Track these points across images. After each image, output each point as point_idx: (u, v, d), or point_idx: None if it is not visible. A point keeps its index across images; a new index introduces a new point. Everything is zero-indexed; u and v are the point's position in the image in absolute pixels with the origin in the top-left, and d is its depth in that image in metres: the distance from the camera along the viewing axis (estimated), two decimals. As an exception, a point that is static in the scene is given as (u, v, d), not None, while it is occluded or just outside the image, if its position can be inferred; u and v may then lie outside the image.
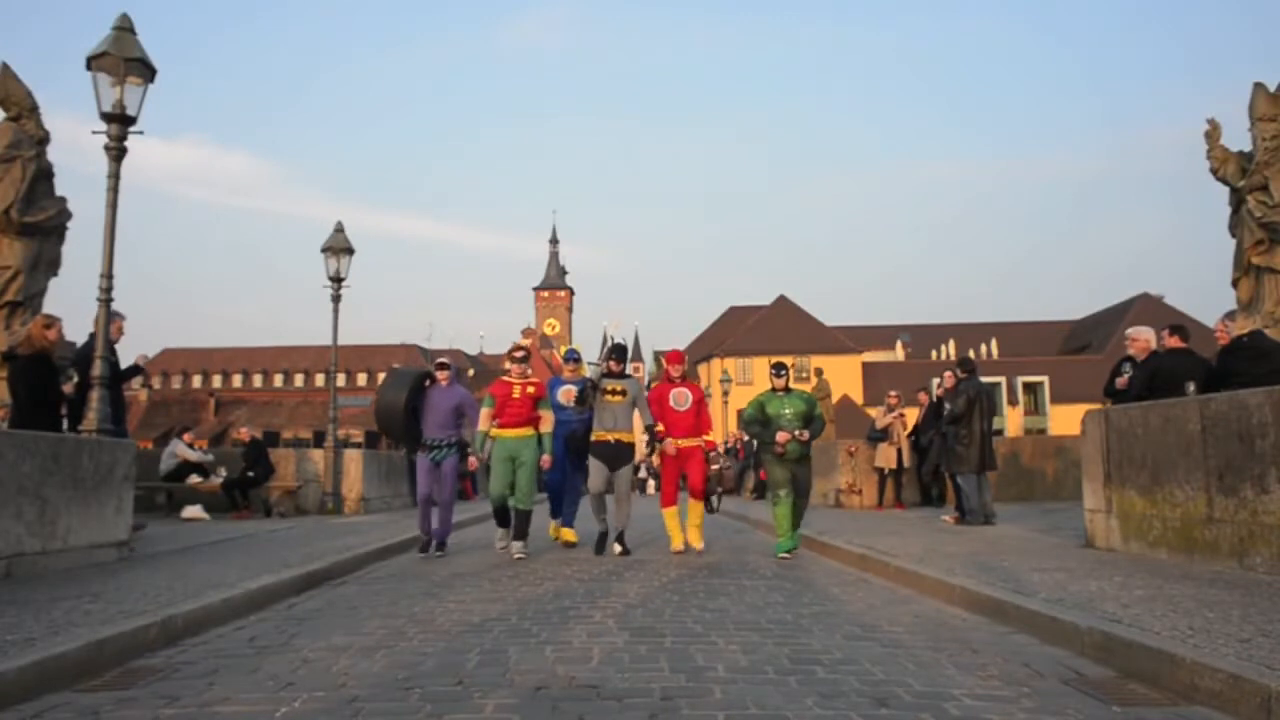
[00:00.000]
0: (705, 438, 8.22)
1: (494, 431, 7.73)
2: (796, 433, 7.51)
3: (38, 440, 5.90)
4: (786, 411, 7.62)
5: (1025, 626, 4.30)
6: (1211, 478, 5.83)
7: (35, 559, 5.70)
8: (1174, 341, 7.74)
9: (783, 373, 7.85)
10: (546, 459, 7.87)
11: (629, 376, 8.24)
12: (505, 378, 8.02)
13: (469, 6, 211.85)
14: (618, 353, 8.40)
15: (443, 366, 8.15)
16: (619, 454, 7.99)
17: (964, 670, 3.56)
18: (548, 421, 8.04)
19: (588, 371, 9.16)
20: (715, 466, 8.33)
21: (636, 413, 8.19)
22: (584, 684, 3.36)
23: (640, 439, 8.47)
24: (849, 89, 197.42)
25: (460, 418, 8.04)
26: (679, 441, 7.99)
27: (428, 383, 8.05)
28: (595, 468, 7.97)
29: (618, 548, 7.89)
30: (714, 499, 8.58)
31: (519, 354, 8.16)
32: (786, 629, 4.41)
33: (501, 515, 7.90)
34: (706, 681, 3.38)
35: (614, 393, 8.03)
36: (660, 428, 8.20)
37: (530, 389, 7.87)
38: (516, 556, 7.51)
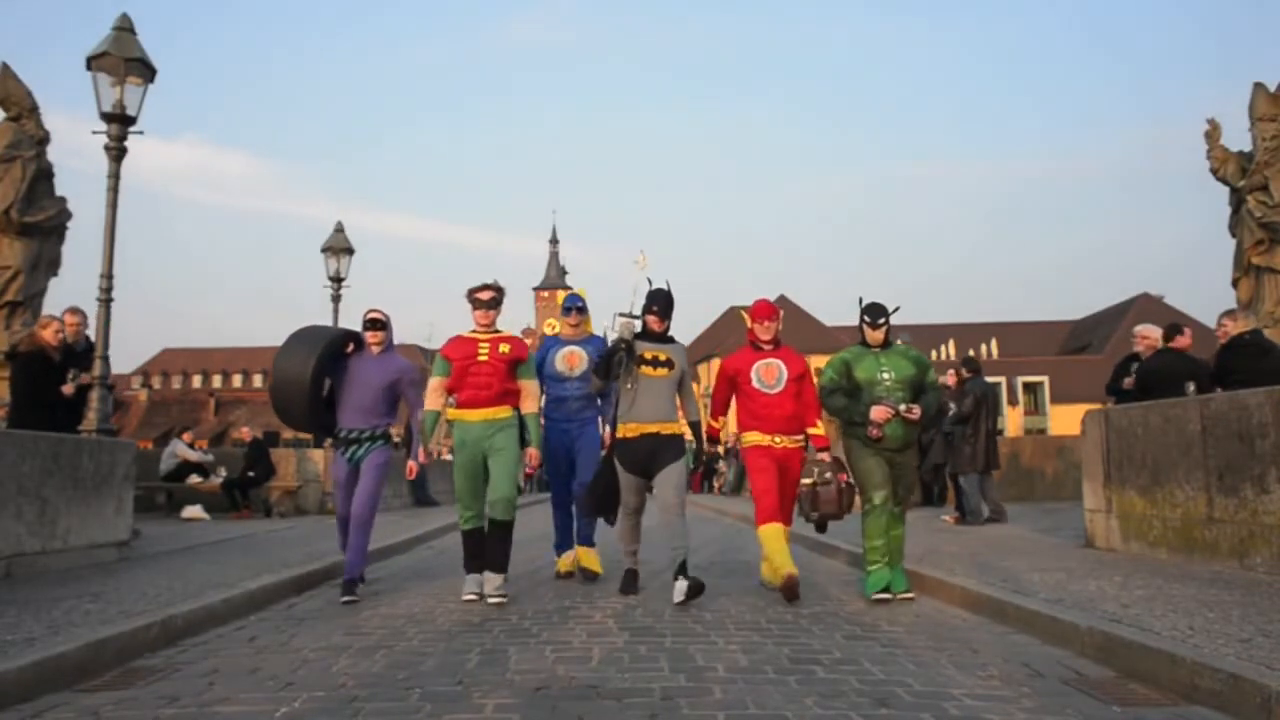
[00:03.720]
0: (810, 430, 5.59)
1: (451, 413, 5.39)
2: (903, 408, 5.15)
3: (38, 440, 5.90)
4: (885, 376, 5.24)
5: (1025, 626, 4.30)
6: (1211, 478, 5.83)
7: (35, 559, 5.70)
8: (1174, 342, 7.78)
9: (881, 320, 5.33)
10: (533, 454, 5.45)
11: (673, 340, 5.51)
12: (467, 332, 5.42)
13: (469, 6, 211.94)
14: (659, 302, 5.41)
15: (375, 325, 5.56)
16: (660, 451, 5.25)
17: (964, 670, 3.56)
18: (531, 396, 5.46)
19: (593, 329, 6.56)
20: (808, 480, 5.46)
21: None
22: (584, 684, 3.36)
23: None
24: (848, 88, 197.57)
25: (395, 401, 5.69)
26: (775, 439, 5.44)
27: (349, 348, 5.61)
28: (626, 485, 5.39)
29: (682, 585, 5.04)
30: (818, 527, 5.71)
31: (485, 295, 5.36)
32: (786, 629, 4.41)
33: (473, 548, 5.38)
34: (706, 681, 3.38)
35: (655, 362, 5.28)
36: (718, 424, 5.83)
37: (505, 348, 5.33)
38: (493, 600, 5.15)
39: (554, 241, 79.46)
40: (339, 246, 14.22)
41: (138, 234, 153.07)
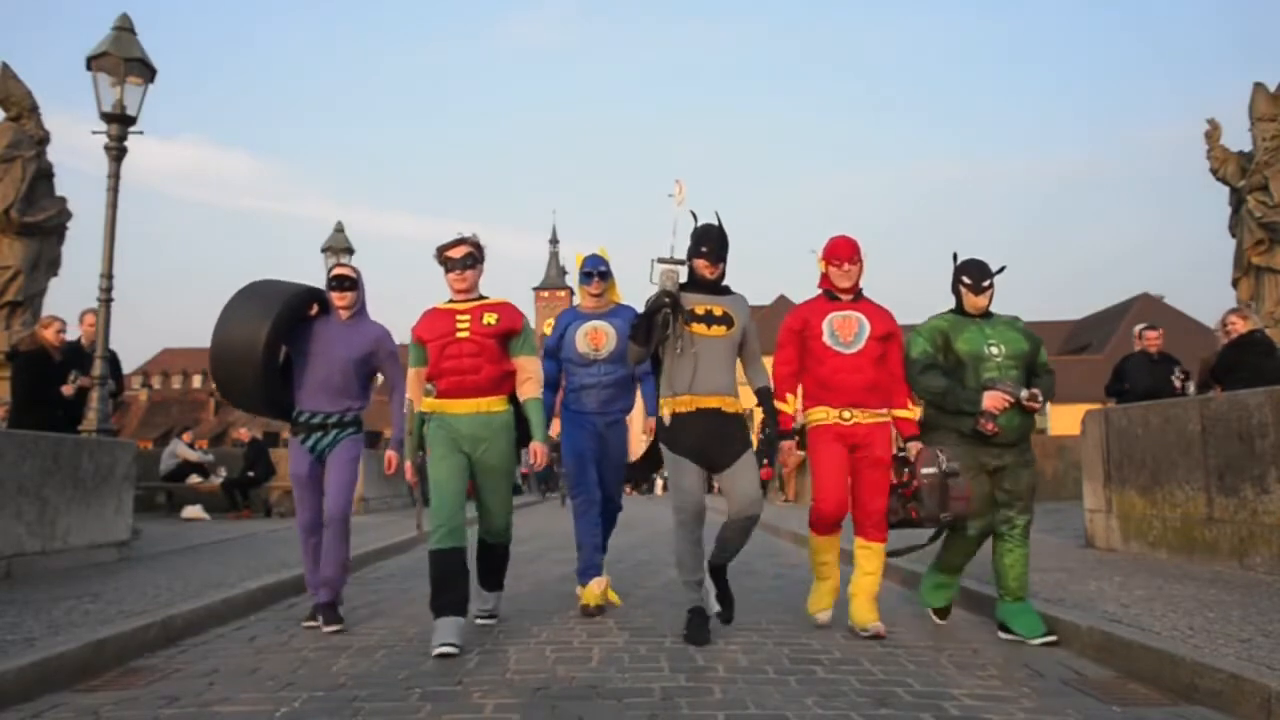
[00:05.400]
0: (898, 412, 4.30)
1: (427, 404, 4.25)
2: (1024, 394, 4.03)
3: (38, 440, 5.90)
4: (994, 351, 4.12)
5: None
6: (1211, 478, 5.83)
7: (35, 559, 5.70)
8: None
9: (987, 283, 4.23)
10: (538, 451, 4.21)
11: (729, 290, 4.24)
12: (442, 303, 4.30)
13: (469, 5, 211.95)
14: (709, 241, 4.17)
15: (343, 284, 4.49)
16: (726, 436, 4.07)
17: (964, 670, 3.56)
18: (532, 378, 4.27)
19: (621, 297, 5.20)
20: (931, 470, 4.11)
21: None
22: (584, 684, 3.36)
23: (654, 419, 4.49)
24: (845, 87, 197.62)
25: (370, 379, 4.65)
26: (845, 414, 4.20)
27: (312, 310, 4.54)
28: (683, 471, 4.07)
29: (714, 605, 4.18)
30: (937, 530, 4.31)
31: (458, 252, 4.22)
32: (786, 629, 4.41)
33: (447, 577, 3.97)
34: (706, 681, 3.38)
35: (709, 319, 4.08)
36: (789, 408, 4.33)
37: (490, 318, 4.16)
38: (480, 621, 4.47)
39: (554, 241, 79.38)
40: (339, 246, 14.23)
41: (138, 234, 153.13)
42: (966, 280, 4.26)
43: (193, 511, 11.48)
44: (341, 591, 4.63)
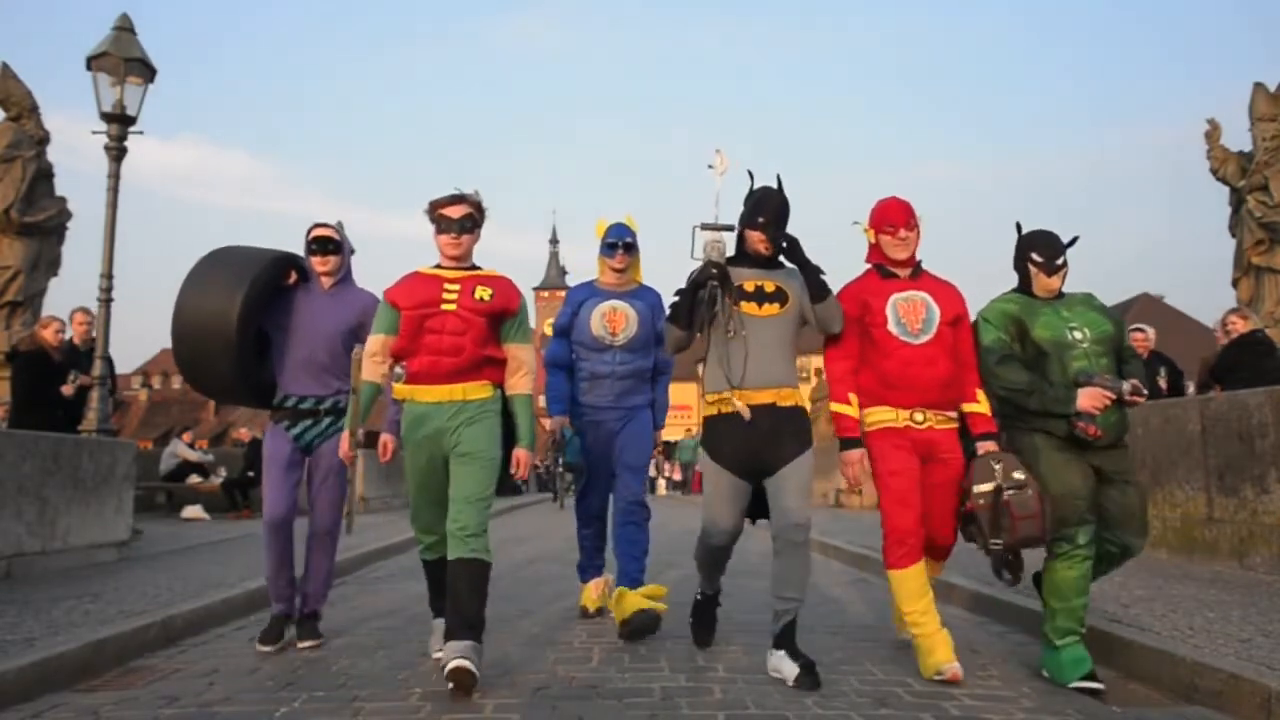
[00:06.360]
0: (968, 407, 3.55)
1: (398, 390, 3.57)
2: (1127, 387, 3.30)
3: (38, 440, 5.90)
4: (1077, 336, 3.43)
5: (1025, 626, 4.29)
6: (1211, 478, 5.83)
7: (35, 559, 5.70)
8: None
9: (1060, 261, 3.52)
10: (522, 459, 3.60)
11: (784, 264, 3.58)
12: (427, 268, 3.63)
13: (469, 5, 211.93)
14: (768, 209, 3.48)
15: (324, 246, 4.02)
16: (780, 435, 3.41)
17: (964, 670, 3.55)
18: (523, 370, 3.63)
19: (643, 278, 4.63)
20: (986, 486, 3.34)
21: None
22: (584, 684, 3.36)
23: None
24: (844, 88, 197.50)
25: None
26: (917, 416, 3.48)
27: (290, 278, 4.05)
28: (719, 493, 3.52)
29: (790, 666, 3.33)
30: (1000, 567, 3.51)
31: (456, 211, 3.56)
32: (786, 629, 4.40)
33: (440, 582, 3.65)
34: (706, 681, 3.39)
35: (760, 295, 3.46)
36: (852, 410, 3.54)
37: (484, 292, 3.52)
38: (453, 665, 3.14)
39: (554, 241, 79.33)
40: (339, 246, 14.29)
41: (138, 234, 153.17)
42: (1037, 258, 3.54)
43: (193, 511, 11.48)
44: (322, 605, 4.21)
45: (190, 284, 3.85)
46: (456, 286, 3.52)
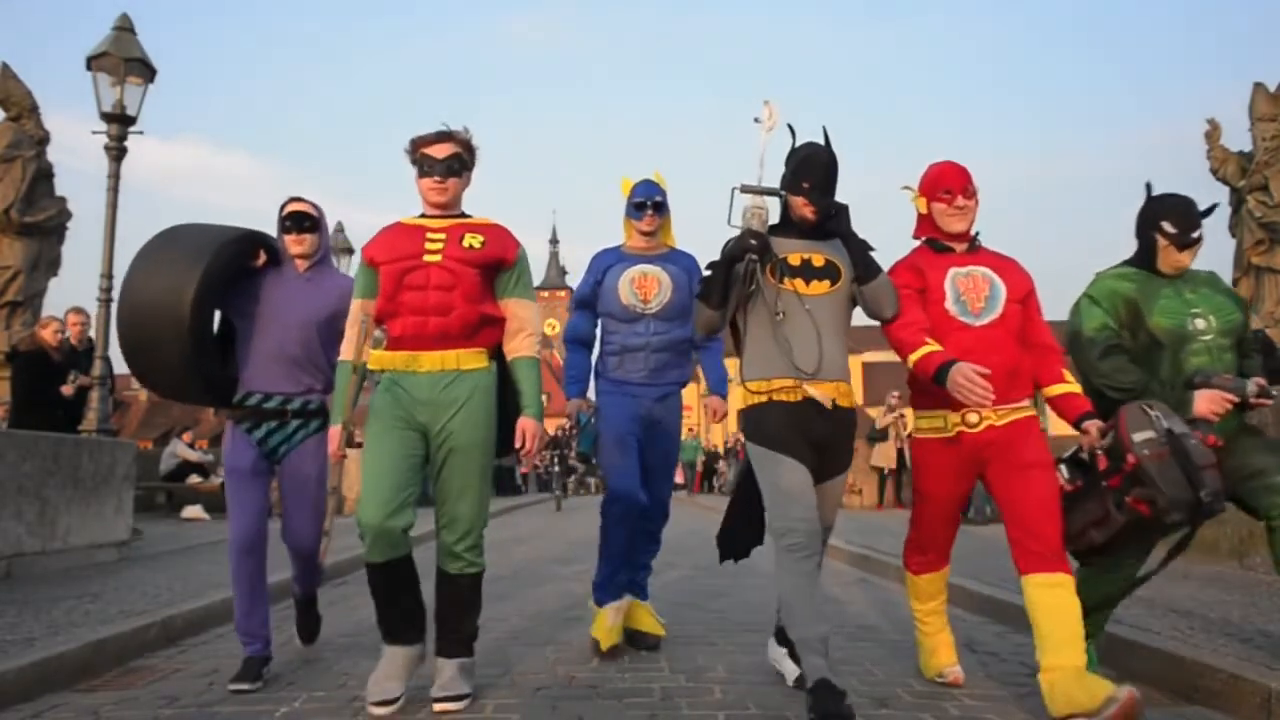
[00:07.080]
0: (1056, 389, 3.03)
1: (375, 358, 3.10)
2: (1252, 389, 2.91)
3: (38, 440, 5.90)
4: (1200, 325, 3.00)
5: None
6: (1211, 478, 5.82)
7: (35, 559, 5.70)
8: None
9: (1197, 233, 3.07)
10: (530, 429, 3.05)
11: (833, 235, 3.08)
12: (409, 218, 3.17)
13: (469, 5, 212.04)
14: (815, 172, 3.03)
15: (301, 222, 3.44)
16: (834, 434, 3.03)
17: (964, 670, 3.55)
18: (525, 328, 3.13)
19: (676, 242, 4.08)
20: (1149, 433, 2.72)
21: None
22: (584, 684, 3.36)
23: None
24: (846, 84, 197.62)
25: (337, 346, 3.25)
26: (970, 417, 2.96)
27: (258, 259, 3.49)
28: (782, 471, 2.92)
29: (791, 670, 3.22)
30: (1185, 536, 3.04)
31: (441, 150, 3.09)
32: (786, 629, 4.40)
33: (391, 593, 3.03)
34: (706, 681, 3.39)
35: (807, 270, 3.02)
36: (934, 346, 2.93)
37: (473, 240, 3.05)
38: (443, 707, 2.96)
39: (554, 241, 79.42)
40: (339, 246, 14.27)
41: (138, 234, 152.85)
42: (1169, 229, 3.01)
43: (193, 511, 11.47)
44: (316, 637, 4.00)
45: (139, 260, 3.28)
46: (442, 235, 3.04)
